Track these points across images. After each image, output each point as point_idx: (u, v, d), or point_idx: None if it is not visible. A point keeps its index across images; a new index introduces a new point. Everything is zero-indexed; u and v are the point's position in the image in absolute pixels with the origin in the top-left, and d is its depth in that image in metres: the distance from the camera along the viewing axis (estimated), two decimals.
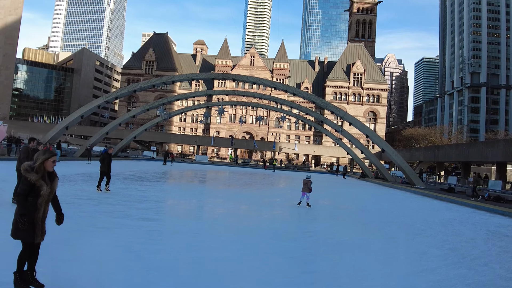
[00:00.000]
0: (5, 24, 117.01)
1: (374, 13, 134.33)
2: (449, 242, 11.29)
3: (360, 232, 12.05)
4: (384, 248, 10.02)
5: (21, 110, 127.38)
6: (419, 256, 9.11)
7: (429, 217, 17.00)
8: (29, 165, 5.31)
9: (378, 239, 11.19)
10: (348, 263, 8.12)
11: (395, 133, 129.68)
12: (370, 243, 10.37)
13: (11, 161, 31.15)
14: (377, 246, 10.19)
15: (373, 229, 13.09)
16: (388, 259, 8.81)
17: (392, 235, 12.14)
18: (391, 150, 40.20)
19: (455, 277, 7.37)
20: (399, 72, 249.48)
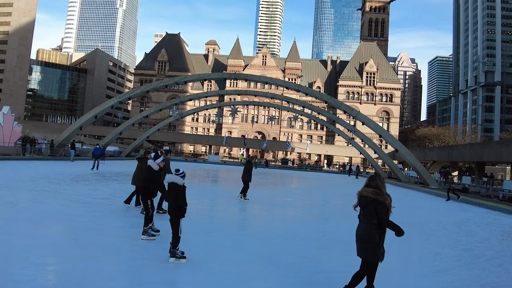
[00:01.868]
0: (19, 26, 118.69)
1: (387, 11, 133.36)
2: (463, 242, 11.21)
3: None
4: (397, 249, 9.97)
5: (35, 110, 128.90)
6: (433, 257, 9.07)
7: (442, 217, 16.87)
8: None
9: (391, 240, 11.13)
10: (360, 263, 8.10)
11: (408, 133, 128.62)
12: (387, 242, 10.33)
13: (26, 160, 31.61)
14: (390, 246, 10.14)
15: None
16: (401, 259, 8.78)
17: (405, 235, 12.04)
18: (405, 149, 39.92)
19: (468, 278, 7.33)
20: (413, 71, 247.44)
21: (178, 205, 6.88)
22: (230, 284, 6.16)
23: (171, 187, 7.03)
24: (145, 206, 8.05)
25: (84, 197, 14.20)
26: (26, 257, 6.52)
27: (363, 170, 75.55)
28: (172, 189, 7.02)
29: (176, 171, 7.21)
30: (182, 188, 7.00)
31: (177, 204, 6.88)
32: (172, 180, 7.01)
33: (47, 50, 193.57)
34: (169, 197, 7.02)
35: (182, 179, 7.10)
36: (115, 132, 49.49)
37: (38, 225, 9.14)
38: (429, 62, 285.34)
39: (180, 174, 7.12)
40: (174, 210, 6.93)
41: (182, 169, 7.23)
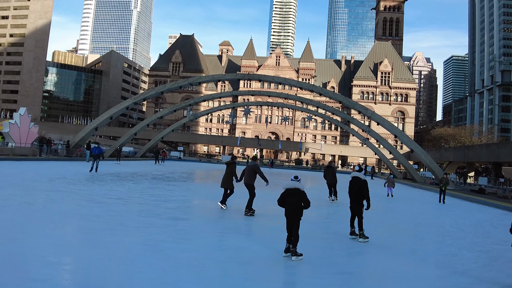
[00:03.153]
0: (36, 28, 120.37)
1: (401, 11, 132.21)
2: (480, 244, 11.07)
3: (389, 234, 11.93)
4: (413, 250, 9.88)
5: (51, 111, 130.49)
6: (449, 258, 8.96)
7: (459, 219, 16.67)
8: None
9: (407, 241, 11.05)
10: (377, 264, 8.05)
11: (424, 133, 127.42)
12: (399, 245, 10.25)
13: (42, 161, 32.03)
14: (406, 248, 10.06)
15: (402, 230, 12.93)
16: (417, 260, 8.68)
17: (422, 237, 11.97)
18: (420, 150, 39.54)
19: (486, 280, 7.23)
20: (428, 70, 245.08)
21: (303, 207, 7.69)
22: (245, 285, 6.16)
23: (292, 192, 7.70)
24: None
25: (100, 197, 14.32)
26: (42, 257, 6.59)
27: (378, 171, 74.96)
28: (293, 195, 7.67)
29: (295, 177, 7.92)
30: (303, 193, 7.73)
31: (300, 207, 7.64)
32: (295, 186, 7.72)
33: (63, 52, 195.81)
34: (290, 202, 7.66)
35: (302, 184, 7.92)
36: (130, 132, 49.91)
37: (54, 224, 9.24)
38: (445, 61, 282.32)
39: (298, 180, 7.88)
40: (298, 213, 7.63)
41: (299, 176, 8.04)
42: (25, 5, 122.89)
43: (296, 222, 7.62)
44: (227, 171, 13.21)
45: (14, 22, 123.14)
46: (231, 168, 13.16)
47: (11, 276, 5.70)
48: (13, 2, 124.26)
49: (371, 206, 10.38)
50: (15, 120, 33.70)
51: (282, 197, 7.85)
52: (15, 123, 33.50)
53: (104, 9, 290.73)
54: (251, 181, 13.28)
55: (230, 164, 13.30)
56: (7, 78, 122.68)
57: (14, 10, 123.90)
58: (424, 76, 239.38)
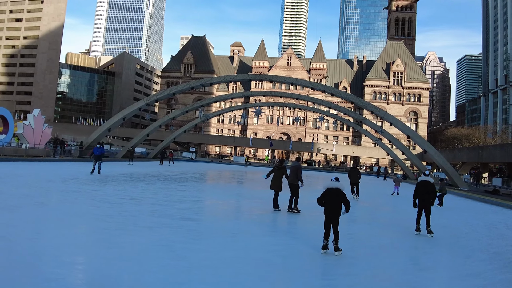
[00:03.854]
0: (49, 30, 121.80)
1: (414, 10, 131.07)
2: (494, 245, 10.93)
3: (401, 235, 11.82)
4: (427, 252, 9.79)
5: (64, 112, 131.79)
6: (463, 260, 8.86)
7: (473, 220, 16.50)
8: None
9: (420, 242, 10.95)
10: (389, 266, 7.99)
11: (437, 133, 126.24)
12: (411, 246, 10.17)
13: (56, 162, 32.36)
14: (420, 249, 9.98)
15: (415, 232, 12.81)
16: (431, 262, 8.61)
17: (435, 238, 11.85)
18: (434, 150, 39.18)
19: (500, 282, 7.14)
20: (441, 70, 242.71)
21: (347, 205, 8.37)
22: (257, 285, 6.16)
23: (333, 192, 8.33)
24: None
25: (113, 197, 14.43)
26: (56, 256, 6.66)
27: (390, 172, 74.31)
28: (337, 195, 8.30)
29: (336, 179, 8.54)
30: (344, 194, 8.40)
31: (340, 206, 8.31)
32: (336, 186, 8.36)
33: (76, 53, 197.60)
34: (331, 201, 8.30)
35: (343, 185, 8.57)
36: (143, 133, 50.21)
37: (68, 225, 9.32)
38: (458, 61, 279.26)
39: (338, 181, 8.53)
40: (338, 211, 8.28)
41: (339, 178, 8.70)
42: (39, 7, 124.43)
43: (337, 219, 8.28)
44: (278, 174, 13.93)
45: (28, 25, 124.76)
46: (282, 172, 13.93)
47: (26, 276, 5.76)
48: (26, 5, 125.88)
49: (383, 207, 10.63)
50: (29, 121, 34.07)
51: (323, 196, 8.43)
52: (29, 124, 33.87)
53: (116, 11, 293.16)
54: (295, 181, 13.80)
55: (281, 168, 14.01)
56: (21, 80, 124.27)
57: (28, 12, 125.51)
58: (437, 76, 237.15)
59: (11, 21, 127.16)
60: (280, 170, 13.94)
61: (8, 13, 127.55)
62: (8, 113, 33.08)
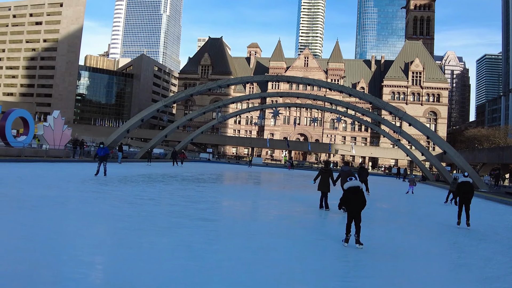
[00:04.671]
0: (68, 33, 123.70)
1: (432, 9, 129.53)
2: None
3: (420, 237, 11.66)
4: (446, 254, 9.62)
5: (84, 114, 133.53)
6: (484, 263, 8.68)
7: (494, 222, 16.19)
8: None
9: (439, 244, 10.77)
10: (407, 269, 7.86)
11: (456, 134, 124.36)
12: (430, 249, 9.99)
13: (75, 162, 32.75)
14: (439, 252, 9.80)
15: (434, 233, 12.63)
16: (450, 265, 8.45)
17: (455, 240, 11.64)
18: (453, 151, 38.59)
19: None
20: (460, 70, 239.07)
21: (364, 203, 9.01)
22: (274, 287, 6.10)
23: (355, 190, 9.00)
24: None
25: (131, 197, 14.53)
26: (76, 256, 6.70)
27: (409, 173, 73.21)
28: (357, 192, 8.98)
29: (350, 179, 9.29)
30: (362, 191, 9.14)
31: (363, 202, 8.97)
32: (357, 185, 9.08)
33: (95, 56, 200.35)
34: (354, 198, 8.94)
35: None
36: (161, 135, 50.57)
37: (88, 224, 9.41)
38: (477, 60, 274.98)
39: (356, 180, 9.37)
40: (361, 207, 8.95)
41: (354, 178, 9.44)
42: (58, 11, 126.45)
43: (359, 215, 8.94)
44: (325, 176, 14.75)
45: (47, 28, 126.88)
46: (329, 174, 14.80)
47: (46, 275, 5.82)
48: (46, 8, 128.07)
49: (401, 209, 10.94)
50: (49, 123, 34.53)
51: (346, 195, 9.08)
52: (49, 125, 34.34)
53: (134, 13, 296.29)
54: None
55: (327, 171, 14.92)
56: (41, 82, 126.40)
57: (47, 16, 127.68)
58: (456, 75, 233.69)
59: (31, 24, 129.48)
60: (327, 173, 14.79)
61: (28, 16, 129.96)
62: (28, 115, 33.57)
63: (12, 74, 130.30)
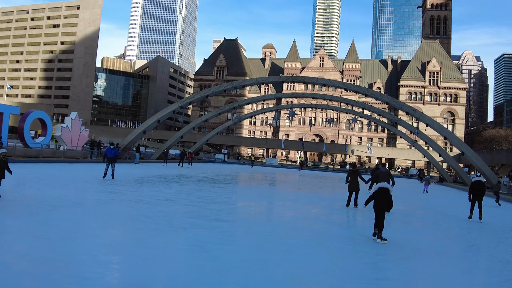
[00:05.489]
0: (85, 36, 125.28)
1: (449, 8, 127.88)
2: None
3: (438, 239, 11.51)
4: (464, 256, 9.48)
5: (101, 115, 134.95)
6: (502, 266, 8.53)
7: None
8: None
9: (457, 246, 10.62)
10: (425, 271, 7.76)
11: (474, 135, 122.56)
12: (448, 250, 9.85)
13: (92, 163, 33.11)
14: (456, 254, 9.67)
15: (452, 235, 12.47)
16: (468, 267, 8.33)
17: (473, 242, 11.48)
18: (471, 152, 38.05)
19: None
20: (478, 69, 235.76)
21: (390, 204, 9.73)
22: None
23: (384, 191, 9.73)
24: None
25: (148, 198, 14.63)
26: (93, 256, 6.77)
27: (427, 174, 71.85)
28: (385, 193, 9.69)
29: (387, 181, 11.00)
30: (390, 194, 9.80)
31: (389, 203, 9.69)
32: (386, 186, 9.83)
33: (111, 58, 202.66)
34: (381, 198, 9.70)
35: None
36: (177, 136, 50.88)
37: (105, 224, 9.51)
38: (495, 59, 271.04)
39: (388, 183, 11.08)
40: (386, 207, 9.69)
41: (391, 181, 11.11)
42: (75, 13, 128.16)
43: (384, 213, 9.67)
44: (353, 177, 15.91)
45: (65, 30, 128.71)
46: (357, 175, 15.99)
47: (64, 275, 5.89)
48: (63, 11, 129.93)
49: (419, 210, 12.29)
50: (67, 124, 34.98)
51: (374, 194, 9.87)
52: (67, 127, 34.78)
53: (150, 16, 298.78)
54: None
55: (355, 172, 16.08)
56: (58, 84, 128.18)
57: (65, 18, 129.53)
58: (474, 75, 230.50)
59: (49, 27, 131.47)
60: (355, 174, 15.97)
61: (46, 19, 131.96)
62: (46, 116, 34.05)
63: (30, 76, 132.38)
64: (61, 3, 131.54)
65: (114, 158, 20.59)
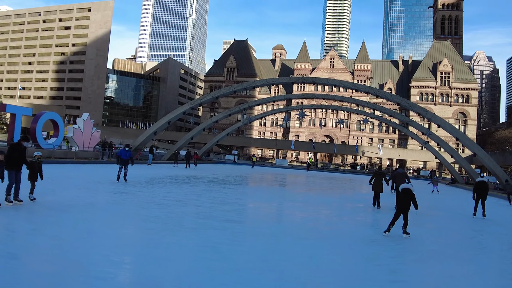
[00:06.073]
0: (96, 37, 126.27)
1: (461, 8, 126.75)
2: None
3: (450, 241, 11.40)
4: (476, 258, 9.37)
5: (112, 116, 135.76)
6: None
7: None
8: None
9: (469, 248, 10.51)
10: (437, 273, 7.69)
11: (486, 136, 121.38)
12: (461, 253, 9.76)
13: (104, 164, 33.34)
14: (469, 256, 9.56)
15: (464, 237, 12.34)
16: (480, 270, 8.23)
17: (485, 245, 11.35)
18: (483, 153, 37.65)
19: None
20: (490, 70, 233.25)
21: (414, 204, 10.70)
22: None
23: (405, 191, 10.70)
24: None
25: (159, 199, 14.69)
26: (105, 256, 6.82)
27: (438, 175, 70.89)
28: (407, 193, 10.65)
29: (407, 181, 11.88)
30: (414, 195, 10.74)
31: (410, 202, 10.60)
32: (408, 187, 10.80)
33: (122, 59, 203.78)
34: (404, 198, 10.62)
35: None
36: (187, 137, 51.01)
37: (116, 225, 9.56)
38: (508, 60, 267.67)
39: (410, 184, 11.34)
40: (408, 205, 10.59)
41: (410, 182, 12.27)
42: (86, 15, 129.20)
43: (407, 212, 10.64)
44: (378, 178, 16.75)
45: (76, 32, 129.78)
46: (382, 176, 16.86)
47: (77, 274, 5.93)
48: (75, 13, 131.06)
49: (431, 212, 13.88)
50: (79, 125, 35.28)
51: (399, 194, 10.83)
52: (79, 128, 35.08)
53: (160, 18, 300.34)
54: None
55: (380, 174, 16.96)
56: (70, 85, 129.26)
57: (76, 20, 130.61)
58: (486, 75, 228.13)
59: (61, 29, 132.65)
60: (380, 175, 16.82)
61: (58, 21, 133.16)
62: (58, 117, 34.35)
63: (42, 78, 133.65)
64: (73, 5, 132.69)
65: (128, 161, 20.04)
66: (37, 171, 11.46)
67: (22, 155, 10.92)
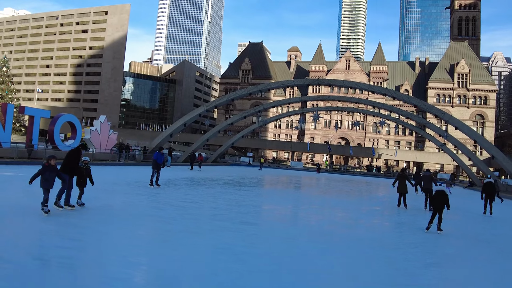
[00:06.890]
0: (113, 40, 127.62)
1: (478, 9, 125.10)
2: None
3: (468, 245, 11.24)
4: (495, 263, 9.22)
5: (128, 119, 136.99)
6: None
7: None
8: None
9: (488, 253, 10.34)
10: (455, 277, 7.60)
11: (505, 138, 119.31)
12: (479, 257, 9.61)
13: (121, 166, 33.65)
14: (487, 260, 9.40)
15: (483, 241, 12.14)
16: (499, 274, 8.09)
17: (504, 249, 11.15)
18: (502, 156, 37.11)
19: None
20: (508, 71, 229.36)
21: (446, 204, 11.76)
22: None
23: (440, 193, 11.85)
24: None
25: (175, 200, 14.78)
26: (123, 257, 6.87)
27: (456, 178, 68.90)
28: (442, 194, 11.80)
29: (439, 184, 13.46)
30: (447, 195, 11.84)
31: (446, 203, 11.74)
32: (442, 189, 12.05)
33: (139, 62, 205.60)
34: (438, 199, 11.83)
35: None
36: (203, 139, 51.25)
37: (133, 226, 9.63)
38: None
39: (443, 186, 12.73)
40: (442, 205, 11.75)
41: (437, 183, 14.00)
42: (103, 19, 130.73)
43: (442, 211, 11.79)
44: (402, 180, 17.90)
45: (93, 36, 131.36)
46: (406, 178, 18.07)
47: (95, 275, 5.99)
48: (91, 17, 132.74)
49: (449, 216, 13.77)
50: (96, 127, 35.66)
51: (434, 196, 12.17)
52: (96, 130, 35.46)
53: (176, 21, 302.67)
54: (429, 186, 17.84)
55: (404, 176, 18.08)
56: (87, 88, 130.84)
57: (93, 24, 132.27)
58: (504, 77, 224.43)
59: (78, 32, 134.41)
60: (404, 177, 17.90)
61: (75, 25, 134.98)
62: (76, 120, 34.74)
63: (60, 81, 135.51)
64: (90, 9, 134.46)
65: (161, 164, 19.27)
66: (86, 176, 11.51)
67: (77, 161, 11.00)
